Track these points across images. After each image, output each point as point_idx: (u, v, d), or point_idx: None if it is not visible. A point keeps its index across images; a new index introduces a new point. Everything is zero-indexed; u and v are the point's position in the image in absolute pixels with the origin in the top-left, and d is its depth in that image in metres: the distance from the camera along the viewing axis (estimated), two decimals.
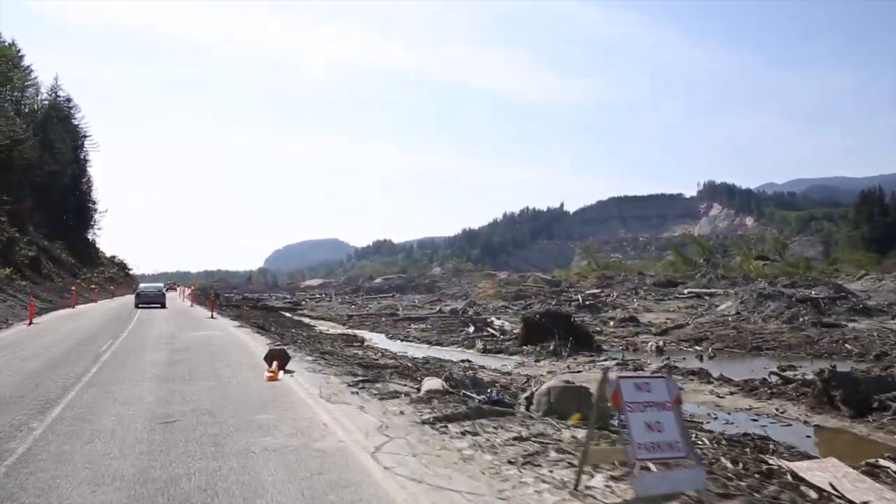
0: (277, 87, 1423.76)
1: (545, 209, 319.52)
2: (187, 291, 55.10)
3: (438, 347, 24.11)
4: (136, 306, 30.96)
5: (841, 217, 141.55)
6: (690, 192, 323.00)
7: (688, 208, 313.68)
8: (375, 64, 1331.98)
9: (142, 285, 36.74)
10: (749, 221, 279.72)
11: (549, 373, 16.97)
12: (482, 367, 17.68)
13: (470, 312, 36.86)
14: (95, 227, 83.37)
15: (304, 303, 62.97)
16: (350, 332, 31.04)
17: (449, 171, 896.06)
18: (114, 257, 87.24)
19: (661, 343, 22.50)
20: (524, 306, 38.37)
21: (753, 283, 42.42)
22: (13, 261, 32.52)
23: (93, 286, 47.55)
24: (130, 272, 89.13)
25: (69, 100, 79.99)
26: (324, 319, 41.65)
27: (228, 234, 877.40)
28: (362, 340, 25.47)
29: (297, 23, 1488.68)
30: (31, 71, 67.55)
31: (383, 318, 37.80)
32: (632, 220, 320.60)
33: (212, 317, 27.45)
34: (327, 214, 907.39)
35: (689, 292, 44.91)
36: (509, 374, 16.77)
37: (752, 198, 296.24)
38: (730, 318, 29.13)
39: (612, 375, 5.06)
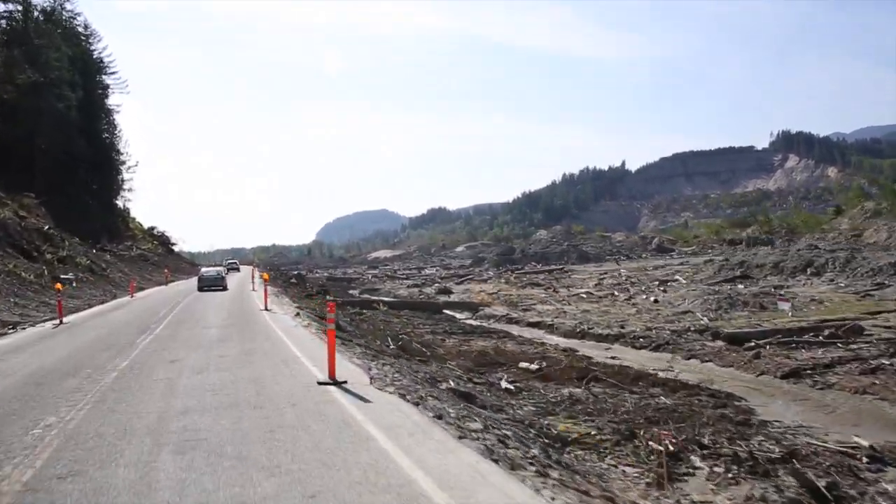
0: (317, 58, 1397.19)
1: (606, 168, 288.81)
2: (256, 280, 29.92)
3: None
4: (200, 289, 27.42)
5: None
6: (761, 144, 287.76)
7: (760, 161, 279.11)
8: (415, 27, 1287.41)
9: (203, 269, 33.11)
10: (832, 172, 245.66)
11: None
12: None
13: None
14: (124, 187, 58.79)
15: (444, 282, 37.07)
16: None
17: (499, 136, 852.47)
18: (152, 229, 62.66)
19: None
20: None
21: None
22: None
23: (60, 279, 21.93)
24: (174, 247, 64.53)
25: (86, 24, 55.20)
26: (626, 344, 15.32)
27: (278, 209, 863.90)
28: None
29: None
30: None
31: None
32: (698, 176, 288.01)
33: None
34: (375, 185, 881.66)
35: None
36: None
37: (834, 147, 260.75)
38: None
39: None
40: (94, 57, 56.49)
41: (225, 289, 28.30)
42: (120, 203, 59.53)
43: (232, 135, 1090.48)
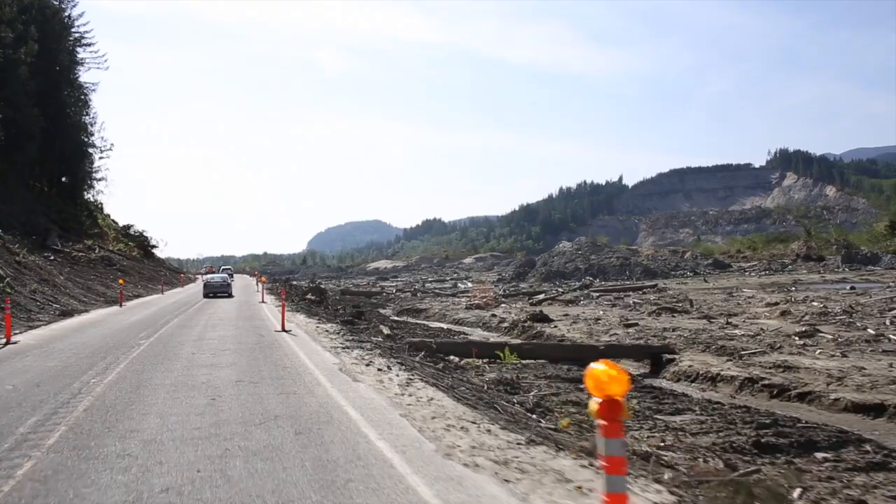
0: (313, 68, 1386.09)
1: (604, 182, 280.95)
2: (265, 297, 20.51)
3: None
4: (205, 296, 26.78)
5: None
6: (758, 161, 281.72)
7: (758, 179, 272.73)
8: (412, 40, 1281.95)
9: (207, 276, 33.29)
10: (831, 191, 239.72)
11: None
12: None
13: None
14: (95, 176, 47.54)
15: (509, 301, 26.19)
16: None
17: (496, 147, 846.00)
18: (128, 227, 51.21)
19: None
20: None
21: None
22: None
23: None
24: (154, 249, 52.86)
25: None
26: None
27: (270, 217, 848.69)
28: None
29: (330, 2, 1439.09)
30: None
31: None
32: (696, 193, 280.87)
33: None
34: (367, 196, 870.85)
35: None
36: None
37: (832, 166, 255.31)
38: None
39: None
40: (64, 19, 45.69)
41: (230, 295, 27.30)
42: (90, 196, 48.38)
43: (229, 143, 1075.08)
